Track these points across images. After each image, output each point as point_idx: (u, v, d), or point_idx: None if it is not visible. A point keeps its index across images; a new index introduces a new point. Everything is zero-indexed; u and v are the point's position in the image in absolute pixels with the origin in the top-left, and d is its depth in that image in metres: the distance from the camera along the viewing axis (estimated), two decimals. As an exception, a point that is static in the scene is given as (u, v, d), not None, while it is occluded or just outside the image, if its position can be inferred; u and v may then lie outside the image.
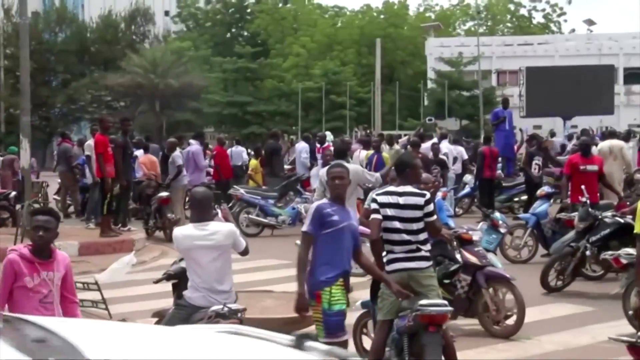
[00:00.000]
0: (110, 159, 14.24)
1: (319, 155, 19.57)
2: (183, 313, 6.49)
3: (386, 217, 6.69)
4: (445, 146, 19.77)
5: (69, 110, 56.58)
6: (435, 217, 6.88)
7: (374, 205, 6.84)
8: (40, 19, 57.52)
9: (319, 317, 6.31)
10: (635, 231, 6.26)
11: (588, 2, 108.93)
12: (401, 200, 6.72)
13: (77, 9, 71.21)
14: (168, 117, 52.78)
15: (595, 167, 12.60)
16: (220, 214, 7.03)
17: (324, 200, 6.58)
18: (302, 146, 20.73)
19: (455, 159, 20.11)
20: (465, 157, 20.72)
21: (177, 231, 6.70)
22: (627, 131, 22.16)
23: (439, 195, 11.35)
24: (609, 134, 18.32)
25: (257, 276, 11.58)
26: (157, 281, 7.43)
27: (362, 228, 7.18)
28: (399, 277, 6.54)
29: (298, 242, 6.79)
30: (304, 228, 6.40)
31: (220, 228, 6.51)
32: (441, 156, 18.39)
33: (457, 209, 18.73)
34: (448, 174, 18.57)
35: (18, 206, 15.23)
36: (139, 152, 18.48)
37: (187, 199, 16.03)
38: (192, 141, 17.59)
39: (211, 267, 6.38)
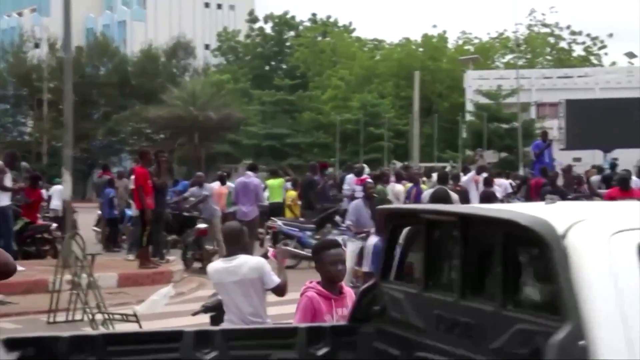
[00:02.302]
0: (150, 191, 14.40)
1: (357, 187, 19.60)
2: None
3: None
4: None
5: (109, 142, 57.39)
6: None
7: None
8: (83, 53, 58.57)
9: None
10: None
11: (629, 35, 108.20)
12: None
13: (119, 42, 72.44)
14: (207, 149, 53.21)
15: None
16: (270, 253, 7.01)
17: (377, 238, 6.56)
18: (348, 177, 20.80)
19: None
20: (510, 190, 20.50)
21: (209, 266, 6.82)
22: None
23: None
24: None
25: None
26: (195, 314, 7.47)
27: None
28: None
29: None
30: (367, 268, 6.40)
31: (246, 261, 6.51)
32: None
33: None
34: None
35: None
36: (215, 184, 19.18)
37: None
38: (250, 173, 17.52)
39: (243, 301, 6.41)
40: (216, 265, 6.67)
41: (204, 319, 7.46)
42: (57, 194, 18.96)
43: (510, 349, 3.29)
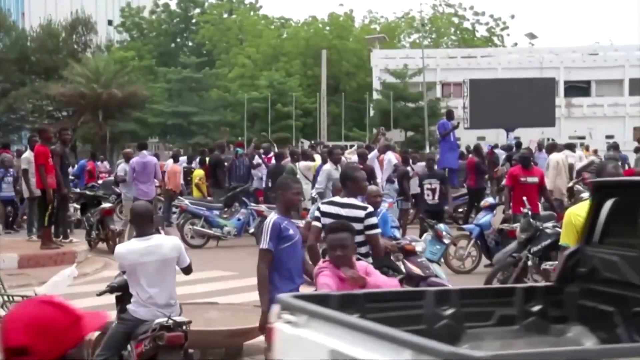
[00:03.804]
0: (51, 170, 13.98)
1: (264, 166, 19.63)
2: (126, 326, 6.41)
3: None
4: (391, 157, 19.68)
5: (8, 119, 55.54)
6: (377, 230, 6.84)
7: (316, 214, 6.88)
8: (-22, 27, 56.41)
9: None
10: (559, 242, 6.18)
11: (530, 16, 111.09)
12: (343, 211, 6.74)
13: (17, 17, 69.95)
14: (112, 127, 52.13)
15: (535, 179, 12.86)
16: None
17: (276, 215, 6.50)
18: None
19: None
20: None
21: (120, 247, 6.63)
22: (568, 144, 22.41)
23: (385, 206, 11.41)
24: (552, 146, 18.55)
25: (202, 288, 11.47)
26: (100, 294, 7.29)
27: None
28: (343, 288, 6.55)
29: None
30: (264, 245, 6.29)
31: (164, 241, 6.43)
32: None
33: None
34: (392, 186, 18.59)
35: None
36: (169, 162, 20.02)
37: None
38: (145, 152, 17.27)
39: (156, 281, 6.30)
40: (130, 245, 6.50)
41: (110, 300, 7.30)
42: None
43: None
